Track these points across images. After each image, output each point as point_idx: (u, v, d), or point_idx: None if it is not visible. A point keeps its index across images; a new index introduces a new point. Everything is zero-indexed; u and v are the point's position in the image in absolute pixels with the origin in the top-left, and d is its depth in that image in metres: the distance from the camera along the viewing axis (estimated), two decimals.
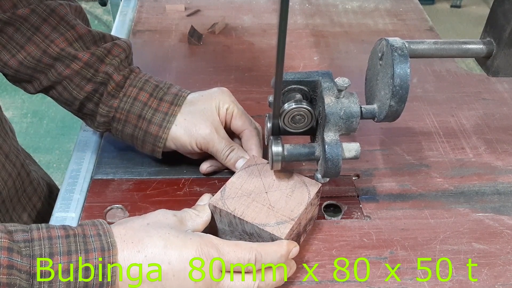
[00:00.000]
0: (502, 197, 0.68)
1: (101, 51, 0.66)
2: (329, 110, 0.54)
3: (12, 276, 0.42)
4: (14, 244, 0.44)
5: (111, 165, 0.71)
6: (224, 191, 0.58)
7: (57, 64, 0.65)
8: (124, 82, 0.66)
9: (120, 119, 0.66)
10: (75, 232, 0.48)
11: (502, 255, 0.60)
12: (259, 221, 0.54)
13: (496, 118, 0.81)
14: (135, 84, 0.66)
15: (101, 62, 0.66)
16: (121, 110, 0.65)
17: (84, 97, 0.66)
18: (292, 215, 0.55)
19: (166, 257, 0.48)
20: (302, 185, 0.58)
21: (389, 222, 0.64)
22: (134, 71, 0.68)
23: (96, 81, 0.65)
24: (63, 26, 0.65)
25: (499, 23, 0.55)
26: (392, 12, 1.10)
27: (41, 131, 2.22)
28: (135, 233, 0.49)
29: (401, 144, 0.76)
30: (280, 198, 0.57)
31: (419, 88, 0.87)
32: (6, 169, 0.66)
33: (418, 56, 0.56)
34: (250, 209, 0.56)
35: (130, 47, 0.70)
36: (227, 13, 1.06)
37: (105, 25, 2.93)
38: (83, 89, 0.65)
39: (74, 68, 0.65)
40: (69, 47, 0.65)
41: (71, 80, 0.65)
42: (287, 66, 0.91)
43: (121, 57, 0.67)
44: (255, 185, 0.58)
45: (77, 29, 0.66)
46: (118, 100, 0.65)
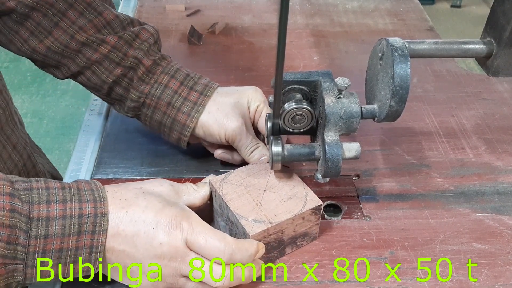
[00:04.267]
0: (502, 197, 0.68)
1: (129, 35, 0.66)
2: (329, 110, 0.54)
3: (14, 218, 0.45)
4: (15, 191, 0.47)
5: (111, 165, 0.71)
6: (228, 175, 0.59)
7: (84, 49, 0.65)
8: (155, 67, 0.67)
9: (150, 105, 0.66)
10: (70, 186, 0.51)
11: (502, 255, 0.60)
12: (240, 212, 0.55)
13: (496, 118, 0.81)
14: (166, 72, 0.67)
15: (130, 46, 0.66)
16: (151, 96, 0.66)
17: (113, 81, 0.67)
18: (273, 219, 0.55)
19: (143, 216, 0.51)
20: (302, 197, 0.57)
21: (389, 222, 0.64)
22: (166, 59, 0.69)
23: (125, 65, 0.66)
24: (90, 12, 0.65)
25: (499, 23, 0.55)
26: (392, 12, 1.10)
27: (41, 131, 2.22)
28: (125, 192, 0.53)
29: (401, 144, 0.76)
30: (273, 201, 0.57)
31: (419, 88, 0.87)
32: (12, 160, 0.67)
33: (418, 56, 0.56)
34: (240, 199, 0.56)
35: (158, 33, 0.70)
36: (227, 13, 1.06)
37: None
38: (112, 73, 0.66)
39: (102, 52, 0.65)
40: (98, 33, 0.65)
41: (100, 64, 0.66)
42: (287, 66, 0.91)
43: (149, 42, 0.67)
44: (259, 180, 0.59)
45: (105, 15, 0.66)
46: (149, 86, 0.66)
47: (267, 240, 0.55)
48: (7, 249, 0.45)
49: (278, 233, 0.55)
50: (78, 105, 2.42)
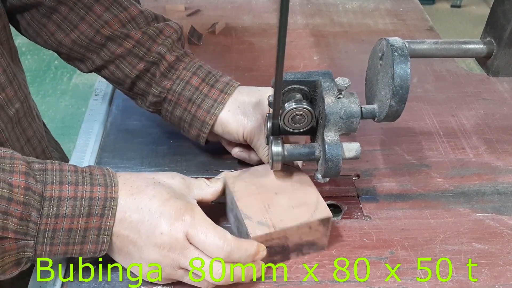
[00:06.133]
0: (502, 197, 0.68)
1: (153, 30, 0.67)
2: (329, 110, 0.54)
3: (28, 196, 0.47)
4: (31, 171, 0.49)
5: (111, 165, 0.71)
6: (244, 173, 0.59)
7: (109, 44, 0.66)
8: (178, 63, 0.67)
9: (171, 100, 0.67)
10: (84, 170, 0.52)
11: (502, 255, 0.60)
12: (246, 211, 0.55)
13: (496, 118, 0.81)
14: (189, 68, 0.67)
15: (153, 41, 0.66)
16: (173, 92, 0.66)
17: (136, 76, 0.67)
18: (277, 224, 0.54)
19: (149, 204, 0.52)
20: (312, 206, 0.56)
21: (389, 222, 0.64)
22: (188, 55, 0.69)
23: (148, 60, 0.66)
24: (116, 7, 0.66)
25: (499, 23, 0.55)
26: (392, 12, 1.10)
27: None
28: (136, 180, 0.54)
29: (401, 144, 0.76)
30: (282, 205, 0.56)
31: (419, 88, 0.87)
32: (24, 152, 0.67)
33: (418, 56, 0.56)
34: (249, 198, 0.56)
35: (181, 29, 0.70)
36: (227, 13, 1.06)
37: None
38: (135, 68, 0.66)
39: (126, 46, 0.66)
40: (122, 28, 0.66)
41: (124, 58, 0.67)
42: (287, 66, 0.90)
43: (173, 38, 0.68)
44: (273, 182, 0.59)
45: (130, 10, 0.66)
46: (171, 82, 0.66)
47: (270, 244, 0.55)
48: (19, 225, 0.47)
49: (282, 238, 0.55)
50: (78, 105, 2.42)
